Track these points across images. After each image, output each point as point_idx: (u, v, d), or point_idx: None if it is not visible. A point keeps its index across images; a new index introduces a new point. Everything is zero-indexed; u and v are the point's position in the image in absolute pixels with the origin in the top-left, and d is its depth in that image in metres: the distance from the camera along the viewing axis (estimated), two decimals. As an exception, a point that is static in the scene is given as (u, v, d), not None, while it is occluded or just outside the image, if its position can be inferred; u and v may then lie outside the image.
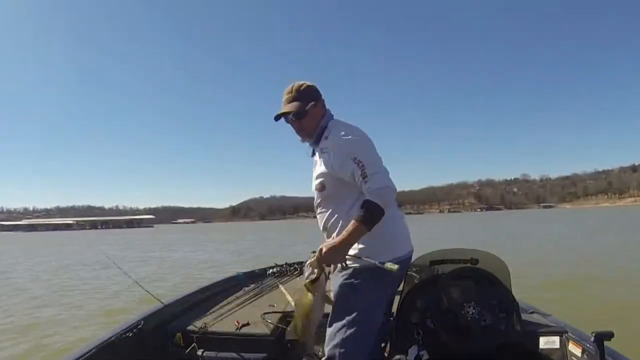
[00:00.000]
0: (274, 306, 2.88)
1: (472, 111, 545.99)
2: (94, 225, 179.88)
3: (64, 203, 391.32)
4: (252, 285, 3.61)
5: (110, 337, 2.25)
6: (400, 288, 2.12)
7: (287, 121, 1.93)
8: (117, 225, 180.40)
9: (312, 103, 1.90)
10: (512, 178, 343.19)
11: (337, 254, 1.69)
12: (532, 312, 2.50)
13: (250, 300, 3.13)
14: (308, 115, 1.89)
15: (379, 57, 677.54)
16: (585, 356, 1.97)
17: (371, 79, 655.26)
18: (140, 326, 2.44)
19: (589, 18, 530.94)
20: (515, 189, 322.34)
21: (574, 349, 2.06)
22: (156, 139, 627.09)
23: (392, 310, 2.15)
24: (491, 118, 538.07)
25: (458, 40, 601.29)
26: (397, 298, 2.13)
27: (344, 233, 1.67)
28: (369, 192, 1.68)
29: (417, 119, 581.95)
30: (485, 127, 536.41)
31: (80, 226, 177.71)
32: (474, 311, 2.01)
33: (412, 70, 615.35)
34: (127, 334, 2.34)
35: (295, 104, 1.88)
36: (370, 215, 1.65)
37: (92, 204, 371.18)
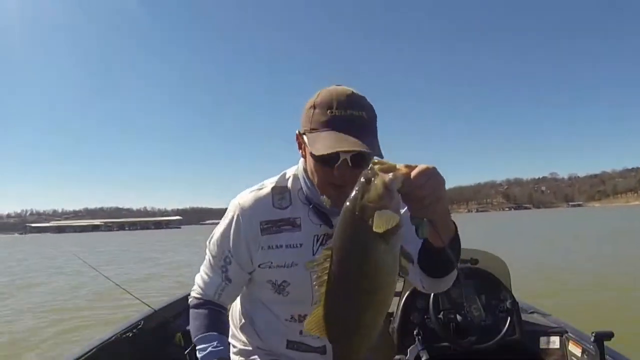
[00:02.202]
0: None
1: (499, 110, 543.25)
2: (121, 227, 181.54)
3: (92, 205, 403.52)
4: None
5: (110, 337, 2.24)
6: (400, 288, 2.13)
7: (325, 161, 1.04)
8: (144, 226, 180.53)
9: None
10: (541, 177, 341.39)
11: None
12: (532, 312, 2.51)
13: None
14: None
15: (402, 54, 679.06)
16: (585, 356, 1.96)
17: (394, 76, 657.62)
18: (140, 326, 2.43)
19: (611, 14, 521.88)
20: (543, 188, 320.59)
21: (574, 349, 2.05)
22: (185, 141, 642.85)
23: (392, 311, 2.15)
24: (518, 117, 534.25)
25: (484, 34, 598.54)
26: (397, 298, 2.13)
27: None
28: None
29: (445, 118, 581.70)
30: (513, 126, 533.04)
31: (108, 227, 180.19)
32: (474, 311, 2.00)
33: (438, 67, 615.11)
34: (127, 334, 2.34)
35: (376, 138, 1.07)
36: None
37: (120, 206, 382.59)
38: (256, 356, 1.34)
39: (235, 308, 1.45)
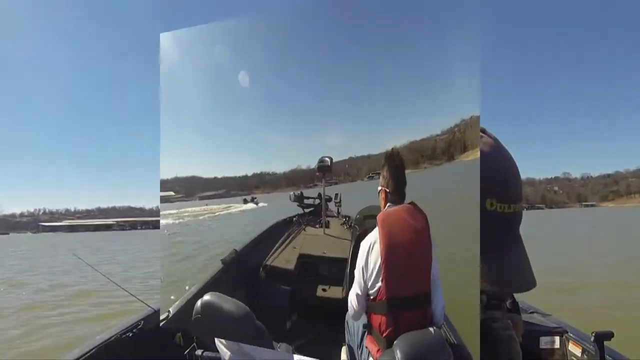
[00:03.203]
0: None
1: (508, 109, 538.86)
2: (133, 226, 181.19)
3: (104, 204, 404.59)
4: None
5: (110, 337, 2.26)
6: None
7: None
8: (156, 225, 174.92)
9: None
10: (553, 177, 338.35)
11: None
12: (532, 312, 2.52)
13: None
14: None
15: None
16: (585, 356, 1.97)
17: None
18: (140, 326, 2.46)
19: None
20: (556, 188, 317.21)
21: (574, 349, 2.07)
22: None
23: None
24: (528, 116, 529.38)
25: (492, 29, 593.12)
26: None
27: None
28: None
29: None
30: (523, 125, 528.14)
31: (120, 227, 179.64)
32: None
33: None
34: (127, 334, 2.36)
35: None
36: None
37: (133, 205, 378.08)
38: None
39: None
